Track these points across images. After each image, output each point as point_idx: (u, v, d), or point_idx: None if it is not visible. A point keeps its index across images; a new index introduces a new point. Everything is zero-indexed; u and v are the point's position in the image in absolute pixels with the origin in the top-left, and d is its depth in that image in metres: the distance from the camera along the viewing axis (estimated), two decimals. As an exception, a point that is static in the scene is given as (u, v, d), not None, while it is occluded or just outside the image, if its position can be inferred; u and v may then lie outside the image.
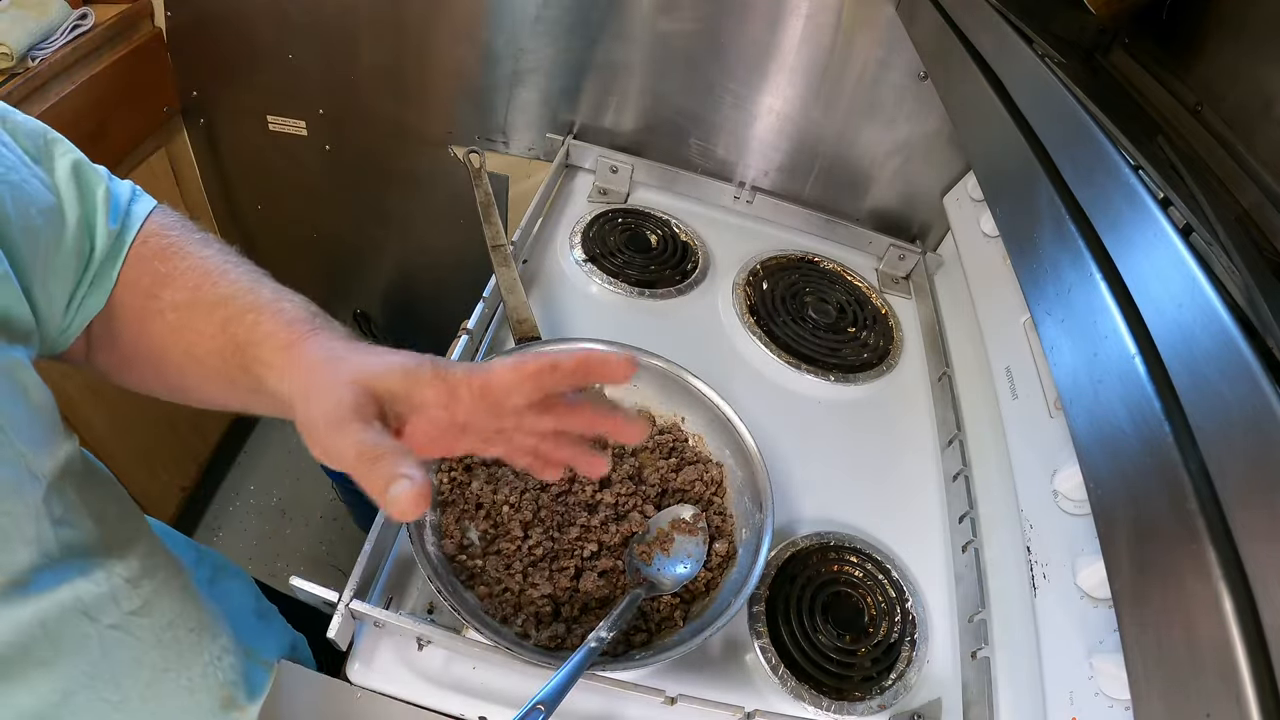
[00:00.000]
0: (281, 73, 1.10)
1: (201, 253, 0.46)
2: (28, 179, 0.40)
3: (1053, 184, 0.42)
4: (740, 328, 0.89)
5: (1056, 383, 0.38)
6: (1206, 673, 0.24)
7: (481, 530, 0.61)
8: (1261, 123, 0.49)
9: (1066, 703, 0.52)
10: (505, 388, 0.39)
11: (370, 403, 0.36)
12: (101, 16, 1.00)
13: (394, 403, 0.38)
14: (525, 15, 0.98)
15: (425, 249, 1.35)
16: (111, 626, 0.44)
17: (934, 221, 1.08)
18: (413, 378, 0.38)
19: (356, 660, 0.56)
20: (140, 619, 0.47)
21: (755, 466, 0.65)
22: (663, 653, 0.54)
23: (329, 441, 0.35)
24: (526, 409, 0.40)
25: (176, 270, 0.45)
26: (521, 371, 0.38)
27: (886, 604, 0.68)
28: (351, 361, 0.38)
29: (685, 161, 1.09)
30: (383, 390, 0.37)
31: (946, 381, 0.88)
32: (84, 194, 0.44)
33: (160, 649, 0.48)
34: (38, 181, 0.41)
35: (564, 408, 0.41)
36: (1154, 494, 0.28)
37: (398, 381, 0.38)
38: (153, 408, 1.25)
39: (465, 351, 0.73)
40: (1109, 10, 0.58)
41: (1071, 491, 0.60)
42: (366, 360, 0.38)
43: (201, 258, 0.46)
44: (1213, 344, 0.28)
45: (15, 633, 0.39)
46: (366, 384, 0.37)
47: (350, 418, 0.35)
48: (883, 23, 0.90)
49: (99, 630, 0.44)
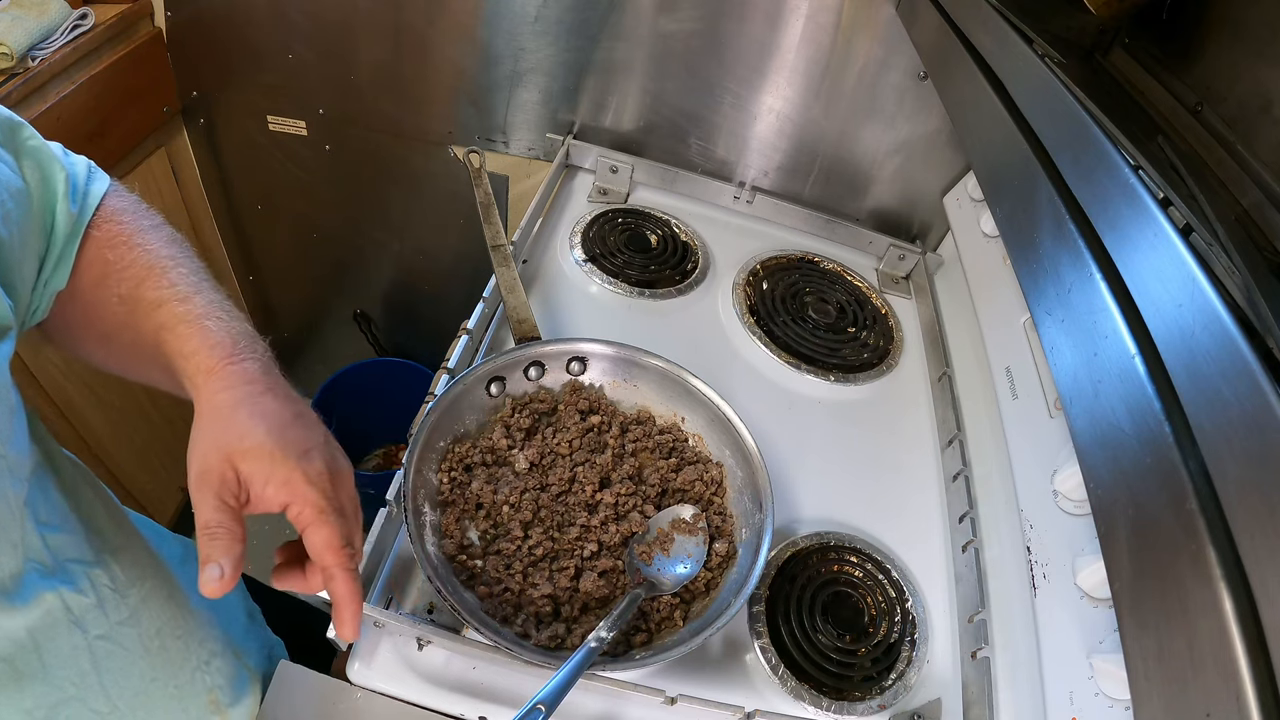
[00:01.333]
0: (281, 73, 1.10)
1: (149, 244, 0.48)
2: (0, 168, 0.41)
3: (1053, 184, 0.42)
4: (740, 328, 0.89)
5: (1056, 383, 0.38)
6: (1206, 673, 0.24)
7: (481, 530, 0.61)
8: (1261, 123, 0.49)
9: (1066, 703, 0.52)
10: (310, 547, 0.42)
11: (232, 480, 0.40)
12: (101, 16, 1.00)
13: (249, 481, 0.41)
14: (525, 15, 0.98)
15: (425, 249, 1.35)
16: (100, 637, 0.45)
17: (934, 221, 1.08)
18: (266, 474, 0.41)
19: (356, 660, 0.56)
20: (128, 629, 0.47)
21: (755, 466, 0.65)
22: (663, 653, 0.54)
23: (191, 487, 0.40)
24: None
25: (123, 261, 0.46)
26: (318, 554, 0.41)
27: (886, 604, 0.67)
28: (236, 423, 0.41)
29: (685, 161, 1.09)
30: (244, 471, 0.41)
31: (946, 381, 0.88)
32: (46, 177, 0.45)
33: (148, 657, 0.48)
34: (5, 167, 0.42)
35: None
36: (1154, 494, 0.28)
37: (259, 467, 0.40)
38: (152, 408, 1.25)
39: (465, 351, 0.73)
40: (1109, 10, 0.58)
41: (1071, 491, 0.60)
42: (249, 428, 0.41)
43: (147, 250, 0.47)
44: (1213, 344, 0.28)
45: (5, 644, 0.39)
46: (234, 461, 0.40)
47: (211, 487, 0.39)
48: (883, 23, 0.90)
49: (88, 641, 0.44)
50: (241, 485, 0.40)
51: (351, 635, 0.42)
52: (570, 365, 0.72)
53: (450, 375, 0.68)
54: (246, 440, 0.40)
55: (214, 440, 0.41)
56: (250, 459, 0.40)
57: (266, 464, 0.40)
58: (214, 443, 0.40)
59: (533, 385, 0.72)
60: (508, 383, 0.70)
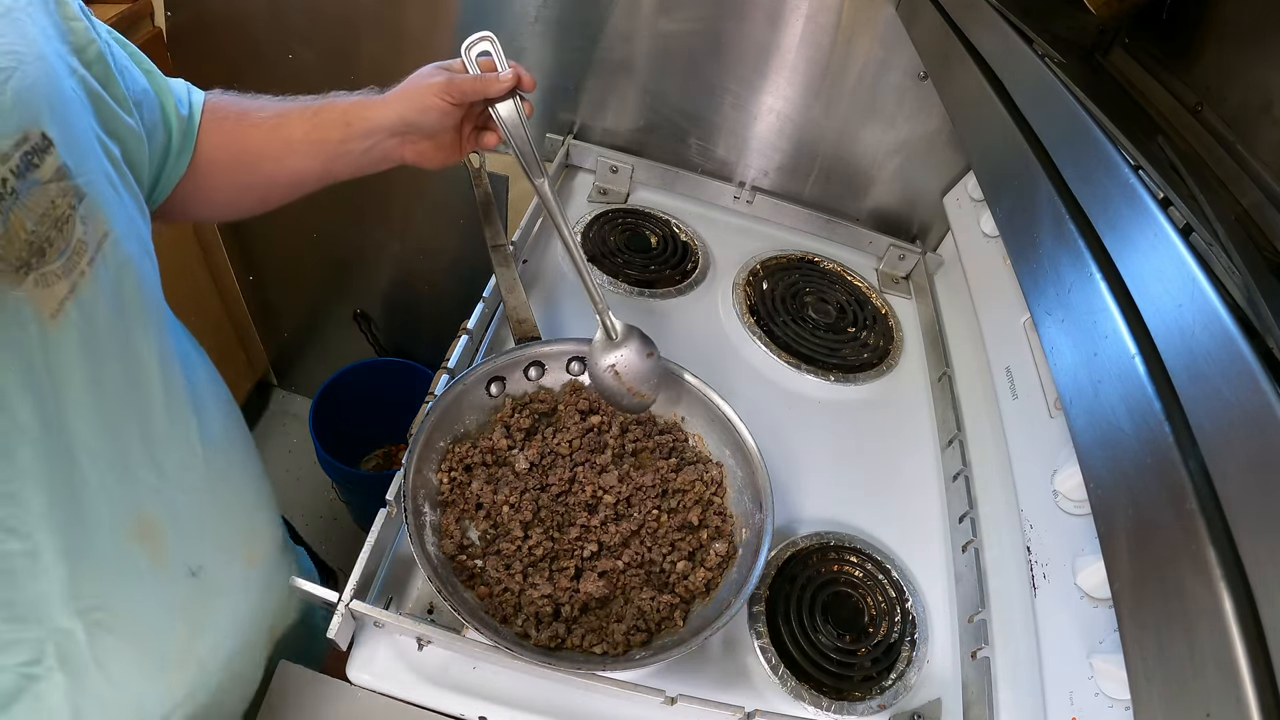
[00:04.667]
0: (281, 73, 1.10)
1: (262, 102, 0.61)
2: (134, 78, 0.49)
3: (1053, 184, 0.42)
4: (740, 328, 0.89)
5: (1056, 383, 0.38)
6: (1206, 673, 0.24)
7: (481, 530, 0.61)
8: (1261, 123, 0.49)
9: (1066, 703, 0.52)
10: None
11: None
12: (101, 16, 0.99)
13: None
14: (525, 15, 0.98)
15: (425, 249, 1.35)
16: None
17: (934, 221, 1.08)
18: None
19: (356, 660, 0.56)
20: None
21: (755, 466, 0.65)
22: (663, 653, 0.54)
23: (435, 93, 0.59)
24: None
25: (256, 103, 0.60)
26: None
27: (886, 604, 0.67)
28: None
29: (685, 161, 1.09)
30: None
31: (946, 381, 0.88)
32: (160, 86, 0.52)
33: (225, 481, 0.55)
34: (136, 69, 0.50)
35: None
36: (1154, 494, 0.28)
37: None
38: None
39: (465, 351, 0.73)
40: (1109, 10, 0.58)
41: (1071, 491, 0.60)
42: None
43: (263, 103, 0.60)
44: (1213, 344, 0.28)
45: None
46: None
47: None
48: (883, 23, 0.90)
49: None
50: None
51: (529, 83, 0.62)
52: (570, 365, 0.72)
53: (450, 375, 0.68)
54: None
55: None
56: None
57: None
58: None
59: (533, 385, 0.72)
60: (508, 383, 0.70)
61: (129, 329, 0.42)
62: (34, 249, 0.34)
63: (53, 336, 0.36)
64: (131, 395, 0.43)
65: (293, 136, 0.59)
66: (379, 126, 0.60)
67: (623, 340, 0.67)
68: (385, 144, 0.61)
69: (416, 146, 0.62)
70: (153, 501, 0.45)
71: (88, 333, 0.38)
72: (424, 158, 0.63)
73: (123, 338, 0.41)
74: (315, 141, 0.59)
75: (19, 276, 0.34)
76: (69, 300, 0.37)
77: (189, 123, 0.55)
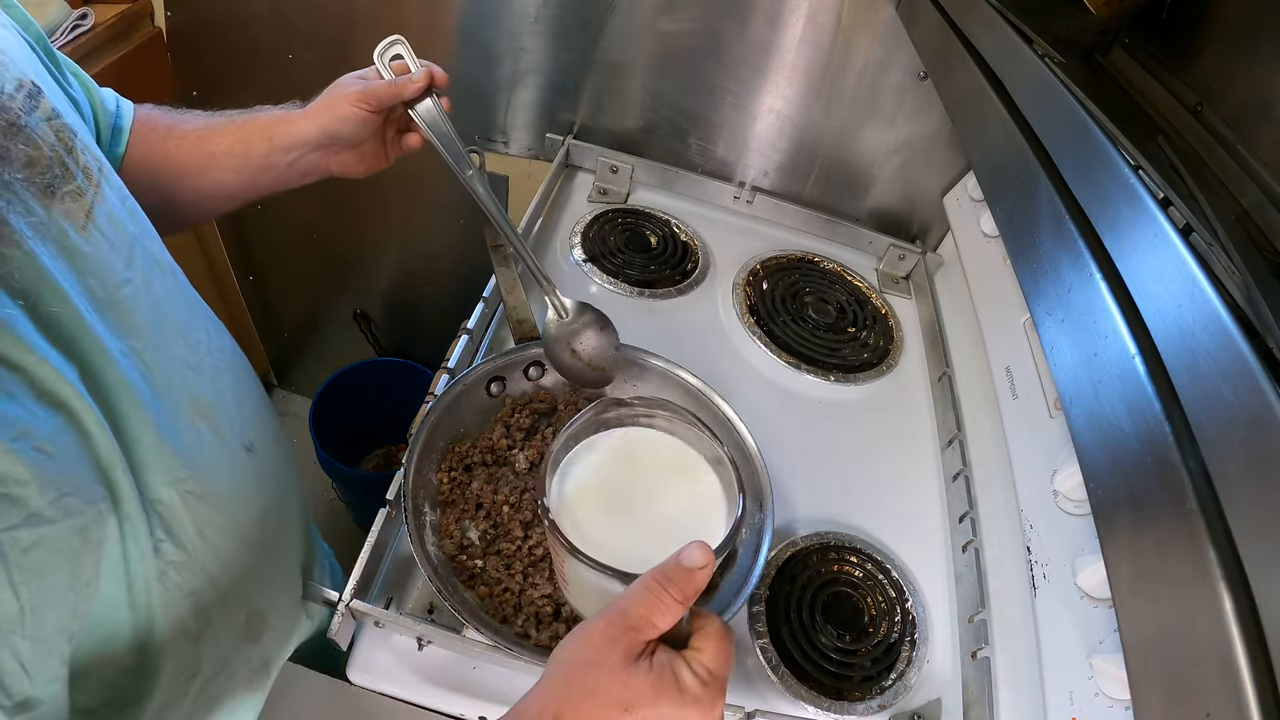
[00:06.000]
0: (281, 73, 1.10)
1: (188, 117, 0.62)
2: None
3: (1053, 184, 0.42)
4: (740, 328, 0.89)
5: (1056, 383, 0.38)
6: (1206, 673, 0.24)
7: (481, 530, 0.61)
8: (1261, 123, 0.49)
9: (1066, 703, 0.52)
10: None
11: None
12: (101, 16, 1.00)
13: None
14: (525, 15, 0.98)
15: (425, 249, 1.35)
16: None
17: (934, 221, 1.08)
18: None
19: (356, 660, 0.56)
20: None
21: (755, 466, 0.65)
22: (663, 653, 0.54)
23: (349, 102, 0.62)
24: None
25: (184, 117, 0.61)
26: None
27: (886, 604, 0.67)
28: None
29: (685, 161, 1.09)
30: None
31: (946, 381, 0.88)
32: (87, 84, 0.54)
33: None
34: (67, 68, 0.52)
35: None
36: (1154, 494, 0.28)
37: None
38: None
39: (465, 351, 0.73)
40: (1109, 10, 0.58)
41: (1071, 491, 0.60)
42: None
43: (187, 118, 0.62)
44: (1213, 344, 0.28)
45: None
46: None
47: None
48: (883, 23, 0.90)
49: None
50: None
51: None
52: (570, 365, 0.72)
53: (450, 375, 0.68)
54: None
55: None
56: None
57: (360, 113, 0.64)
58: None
59: (533, 385, 0.72)
60: (508, 383, 0.70)
61: (144, 236, 0.47)
62: (54, 172, 0.40)
63: (87, 246, 0.41)
64: (162, 292, 0.47)
65: (216, 150, 0.60)
66: (301, 140, 0.61)
67: (574, 317, 0.67)
68: (309, 157, 0.63)
69: (340, 157, 0.64)
70: (198, 383, 0.49)
71: (115, 240, 0.43)
72: (349, 167, 0.65)
73: (142, 245, 0.46)
74: (239, 155, 0.61)
75: (49, 195, 0.39)
76: (93, 212, 0.42)
77: (117, 119, 0.57)
